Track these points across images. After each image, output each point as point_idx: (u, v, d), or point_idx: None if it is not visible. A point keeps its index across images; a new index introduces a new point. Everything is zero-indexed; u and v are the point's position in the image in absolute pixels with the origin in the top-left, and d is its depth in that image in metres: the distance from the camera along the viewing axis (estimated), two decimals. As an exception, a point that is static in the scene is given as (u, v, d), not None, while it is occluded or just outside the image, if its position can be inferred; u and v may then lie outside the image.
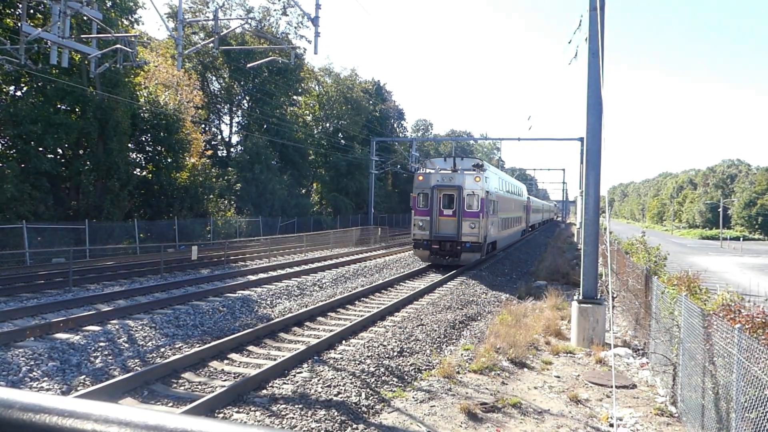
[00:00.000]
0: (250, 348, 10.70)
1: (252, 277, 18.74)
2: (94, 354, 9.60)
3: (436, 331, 12.41)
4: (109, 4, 28.04)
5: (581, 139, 39.10)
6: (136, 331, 11.12)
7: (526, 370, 10.14)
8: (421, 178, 23.58)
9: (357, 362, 9.56)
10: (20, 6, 21.64)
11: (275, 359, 9.77)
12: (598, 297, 12.76)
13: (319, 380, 8.55)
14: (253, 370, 9.01)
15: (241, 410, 7.41)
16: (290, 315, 13.10)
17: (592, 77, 12.21)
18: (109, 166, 28.22)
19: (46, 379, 8.36)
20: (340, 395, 7.94)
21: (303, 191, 55.47)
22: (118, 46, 18.16)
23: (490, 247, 25.69)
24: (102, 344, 10.05)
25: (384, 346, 10.77)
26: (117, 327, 11.15)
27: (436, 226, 22.84)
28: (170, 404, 7.69)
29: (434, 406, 7.92)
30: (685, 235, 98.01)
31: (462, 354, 10.75)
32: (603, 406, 8.41)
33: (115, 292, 14.88)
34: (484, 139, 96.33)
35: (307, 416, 7.16)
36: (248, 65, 29.68)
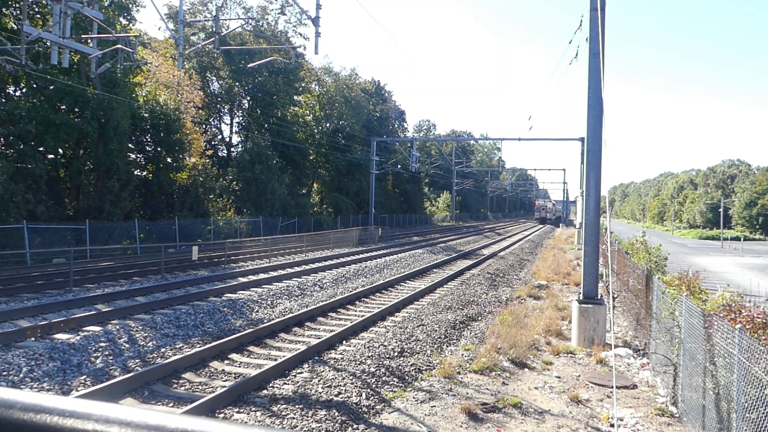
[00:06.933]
0: (251, 348, 10.70)
1: (253, 278, 18.74)
2: (95, 354, 9.60)
3: (436, 331, 12.41)
4: (107, 3, 28.04)
5: (582, 140, 39.07)
6: (137, 331, 11.12)
7: (526, 370, 10.14)
8: (537, 203, 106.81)
9: (357, 362, 9.56)
10: (20, 6, 21.65)
11: (276, 359, 9.78)
12: (599, 297, 12.75)
13: (319, 380, 8.55)
14: (254, 371, 9.01)
15: (241, 410, 7.41)
16: (291, 315, 13.10)
17: (592, 78, 12.20)
18: (109, 167, 28.23)
19: (46, 379, 8.37)
20: (340, 395, 7.94)
21: (303, 191, 55.47)
22: (118, 46, 18.17)
23: (552, 221, 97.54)
24: (102, 344, 10.06)
25: (384, 346, 10.77)
26: (117, 327, 11.15)
27: (540, 215, 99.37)
28: (171, 404, 7.70)
29: (435, 406, 7.92)
30: (685, 235, 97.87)
31: (463, 354, 10.75)
32: (604, 407, 8.41)
33: (116, 292, 14.88)
34: (484, 140, 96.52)
35: (307, 416, 7.16)
36: (249, 65, 29.69)
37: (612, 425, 7.58)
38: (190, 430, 0.60)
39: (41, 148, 26.43)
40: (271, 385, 8.49)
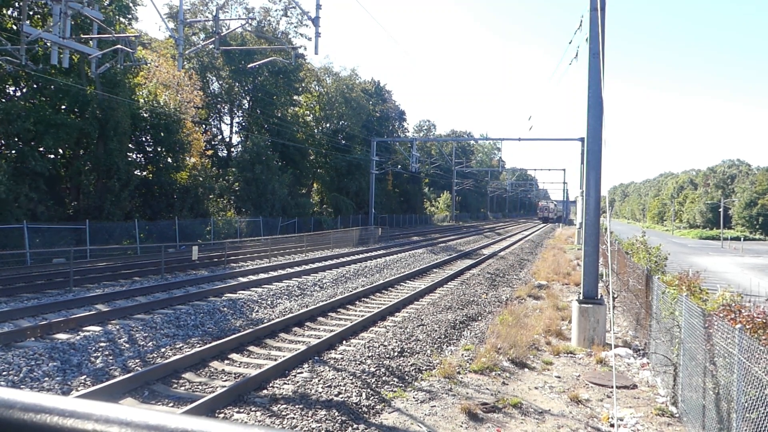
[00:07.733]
0: (251, 348, 10.71)
1: (253, 277, 18.74)
2: (95, 354, 9.60)
3: (436, 331, 12.41)
4: (106, 2, 28.02)
5: (581, 140, 39.06)
6: (137, 331, 11.12)
7: (526, 370, 10.14)
8: (540, 204, 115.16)
9: (357, 362, 9.56)
10: (20, 6, 21.64)
11: (276, 359, 9.78)
12: (599, 297, 12.75)
13: (319, 380, 8.55)
14: (254, 371, 9.01)
15: (241, 410, 7.41)
16: (291, 315, 13.10)
17: (592, 78, 12.20)
18: (109, 167, 28.23)
19: (46, 379, 8.37)
20: (340, 395, 7.94)
21: (303, 191, 55.47)
22: (118, 46, 18.17)
23: (554, 220, 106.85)
24: (102, 344, 10.06)
25: (384, 346, 10.77)
26: (117, 327, 11.15)
27: (543, 215, 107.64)
28: (171, 404, 7.70)
29: (435, 406, 7.92)
30: (685, 235, 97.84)
31: (463, 354, 10.75)
32: (604, 407, 8.41)
33: (116, 292, 14.89)
34: (484, 140, 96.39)
35: (307, 416, 7.16)
36: (249, 66, 29.69)
37: (612, 425, 7.58)
38: (190, 430, 0.60)
39: (41, 149, 26.41)
40: (271, 385, 8.49)
